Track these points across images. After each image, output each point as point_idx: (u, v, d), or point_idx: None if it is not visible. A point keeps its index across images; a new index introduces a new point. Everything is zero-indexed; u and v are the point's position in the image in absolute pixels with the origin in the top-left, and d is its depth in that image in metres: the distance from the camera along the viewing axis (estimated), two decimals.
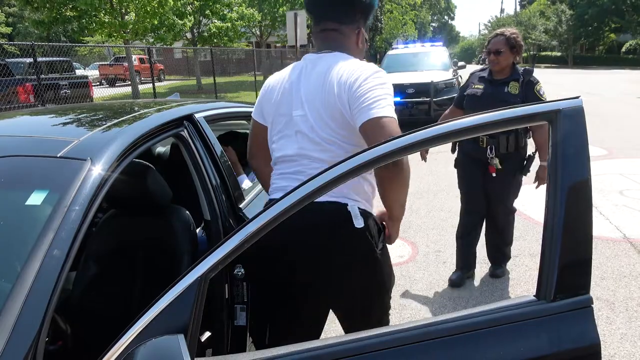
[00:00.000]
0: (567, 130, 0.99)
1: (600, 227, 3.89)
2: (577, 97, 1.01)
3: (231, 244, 0.88)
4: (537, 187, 2.84)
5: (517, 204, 3.05)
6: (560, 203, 1.00)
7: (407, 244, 3.78)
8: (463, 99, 2.98)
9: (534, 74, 2.84)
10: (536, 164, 2.82)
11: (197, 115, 1.85)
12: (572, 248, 0.99)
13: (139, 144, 1.48)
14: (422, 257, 3.53)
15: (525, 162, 2.88)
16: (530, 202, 4.60)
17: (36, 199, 1.16)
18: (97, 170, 1.24)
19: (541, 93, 2.80)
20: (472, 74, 3.02)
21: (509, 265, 3.28)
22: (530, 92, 2.77)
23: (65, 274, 1.08)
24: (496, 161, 2.81)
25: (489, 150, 2.81)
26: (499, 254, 3.17)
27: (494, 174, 2.85)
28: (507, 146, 2.79)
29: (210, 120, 1.97)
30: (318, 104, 1.43)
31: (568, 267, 0.98)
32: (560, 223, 0.99)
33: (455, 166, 3.14)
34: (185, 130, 1.75)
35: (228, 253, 0.89)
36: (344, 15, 1.52)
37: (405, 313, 2.78)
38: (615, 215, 4.22)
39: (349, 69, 1.42)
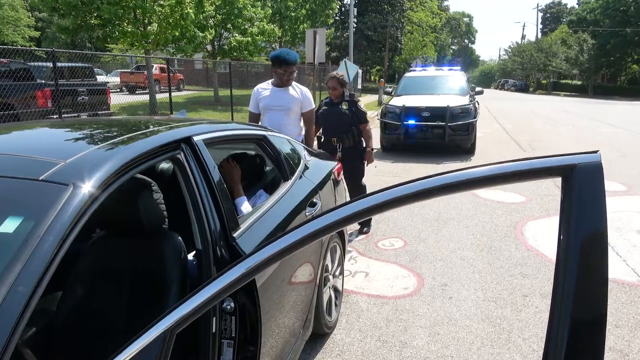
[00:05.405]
0: (582, 188, 0.90)
1: (615, 269, 3.72)
2: (595, 152, 0.91)
3: (201, 297, 0.80)
4: (367, 165, 4.63)
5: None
6: (573, 259, 0.90)
7: (412, 275, 3.66)
8: (318, 118, 4.54)
9: (357, 97, 4.71)
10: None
11: (195, 138, 1.78)
12: (584, 313, 0.88)
13: (129, 167, 1.41)
14: (427, 291, 3.39)
15: (362, 151, 4.57)
16: (543, 238, 4.45)
17: (9, 226, 1.09)
18: (78, 197, 1.17)
19: (361, 107, 4.53)
20: (321, 102, 4.74)
21: (518, 307, 3.15)
22: (355, 107, 4.50)
23: (31, 310, 1.00)
24: (339, 153, 4.46)
25: (338, 146, 4.49)
26: None
27: (339, 161, 4.47)
28: (348, 142, 4.50)
29: (211, 143, 1.91)
30: None
31: (578, 334, 0.87)
32: (572, 283, 0.89)
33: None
34: (182, 154, 1.68)
35: (198, 306, 0.81)
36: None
37: (405, 352, 2.65)
38: (633, 256, 4.03)
39: None
